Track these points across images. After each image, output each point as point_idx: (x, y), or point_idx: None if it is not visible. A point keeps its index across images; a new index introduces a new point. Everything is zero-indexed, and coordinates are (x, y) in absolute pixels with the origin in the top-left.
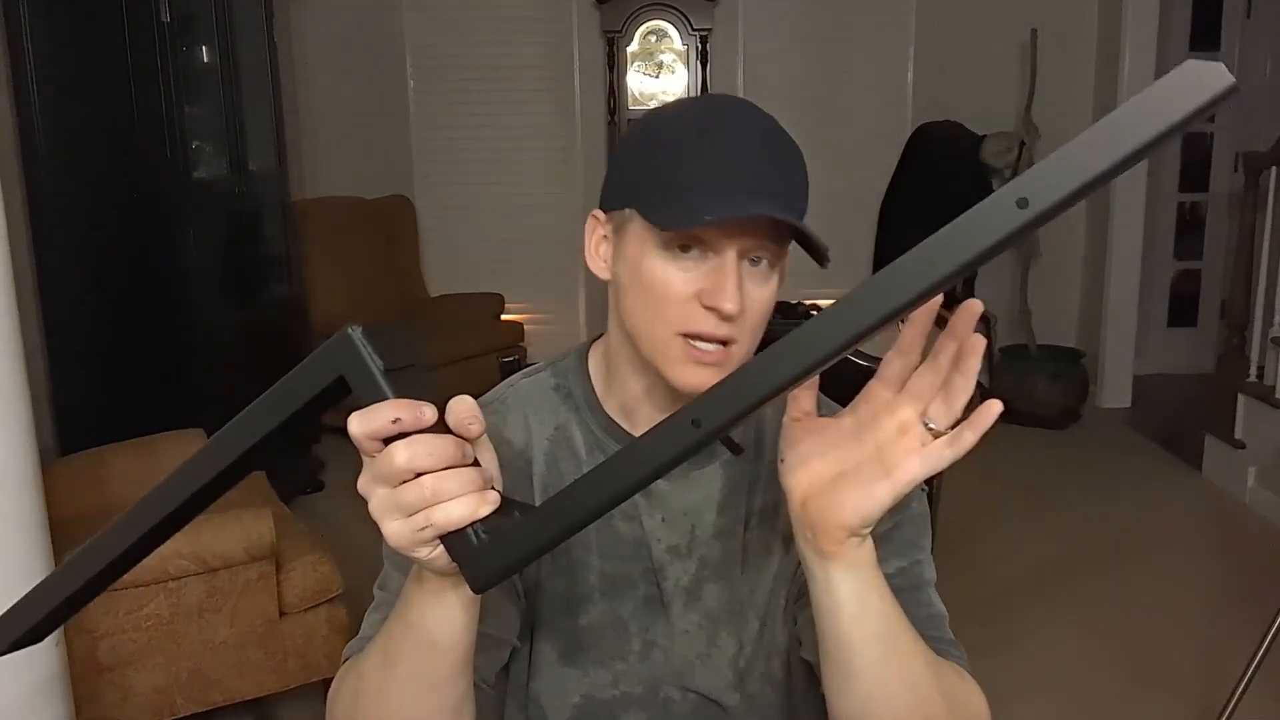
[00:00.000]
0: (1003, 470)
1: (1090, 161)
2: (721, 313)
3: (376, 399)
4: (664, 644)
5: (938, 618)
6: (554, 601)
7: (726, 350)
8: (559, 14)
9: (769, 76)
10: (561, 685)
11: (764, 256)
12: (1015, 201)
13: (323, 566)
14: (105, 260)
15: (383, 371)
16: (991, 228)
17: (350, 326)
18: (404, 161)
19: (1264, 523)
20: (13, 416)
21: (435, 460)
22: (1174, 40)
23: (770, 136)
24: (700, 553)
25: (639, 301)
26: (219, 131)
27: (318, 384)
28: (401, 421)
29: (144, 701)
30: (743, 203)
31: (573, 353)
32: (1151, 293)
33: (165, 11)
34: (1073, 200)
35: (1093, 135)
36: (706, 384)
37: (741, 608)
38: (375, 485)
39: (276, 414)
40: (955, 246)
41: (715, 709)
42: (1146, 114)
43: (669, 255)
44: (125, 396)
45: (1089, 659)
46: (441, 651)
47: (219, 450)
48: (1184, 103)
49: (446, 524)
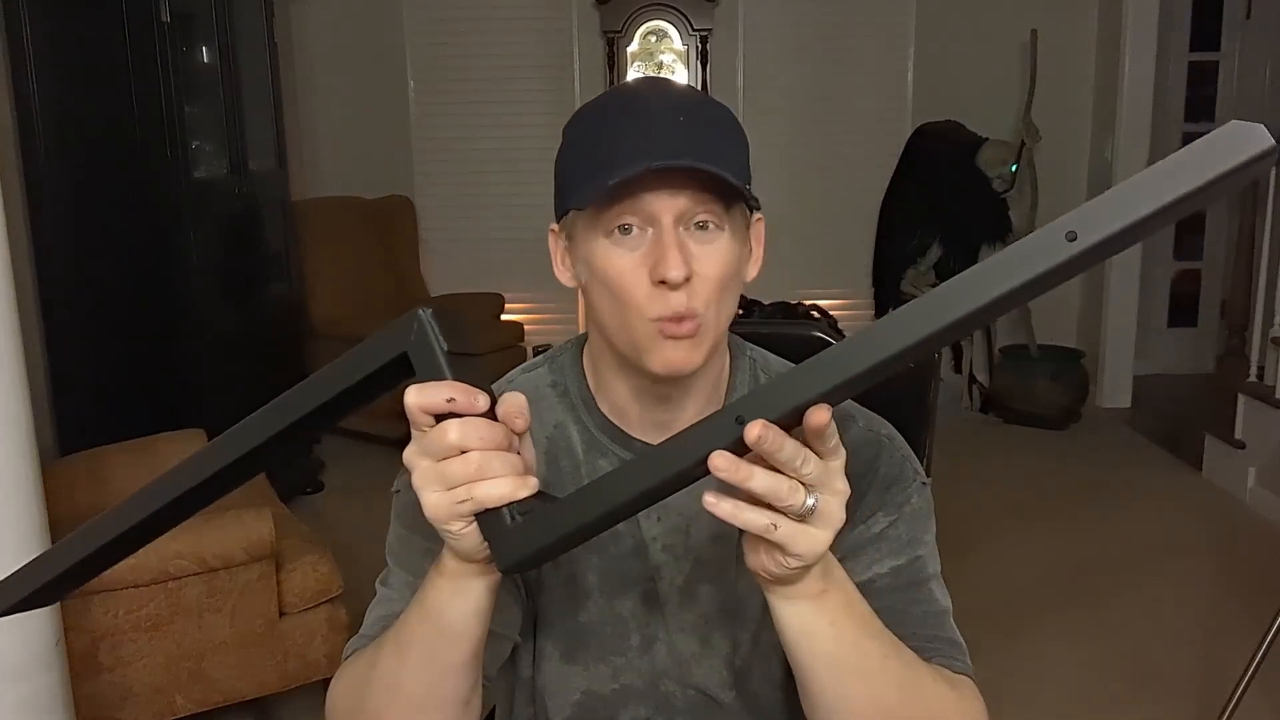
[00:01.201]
0: (1003, 470)
1: (1136, 204)
2: (669, 281)
3: (436, 379)
4: (662, 641)
5: (936, 615)
6: (555, 599)
7: (695, 322)
8: (559, 14)
9: (769, 76)
10: (563, 681)
11: (706, 220)
12: (1065, 235)
13: (323, 566)
14: (105, 260)
15: (445, 354)
16: (1040, 258)
17: (421, 308)
18: (404, 161)
19: (1264, 523)
20: (13, 416)
21: (484, 443)
22: (1174, 41)
23: (688, 103)
24: (695, 554)
25: (602, 298)
26: (219, 131)
27: (382, 357)
28: (456, 402)
29: (144, 701)
30: (650, 161)
31: (569, 346)
32: (1151, 293)
33: (165, 11)
34: (1120, 240)
35: (1140, 179)
36: (684, 362)
37: (736, 609)
38: (421, 458)
39: (339, 382)
40: (1006, 273)
41: (713, 705)
42: (1190, 166)
43: (611, 241)
44: (125, 396)
45: (1089, 659)
46: (455, 640)
47: (280, 412)
48: (1225, 160)
49: (486, 500)
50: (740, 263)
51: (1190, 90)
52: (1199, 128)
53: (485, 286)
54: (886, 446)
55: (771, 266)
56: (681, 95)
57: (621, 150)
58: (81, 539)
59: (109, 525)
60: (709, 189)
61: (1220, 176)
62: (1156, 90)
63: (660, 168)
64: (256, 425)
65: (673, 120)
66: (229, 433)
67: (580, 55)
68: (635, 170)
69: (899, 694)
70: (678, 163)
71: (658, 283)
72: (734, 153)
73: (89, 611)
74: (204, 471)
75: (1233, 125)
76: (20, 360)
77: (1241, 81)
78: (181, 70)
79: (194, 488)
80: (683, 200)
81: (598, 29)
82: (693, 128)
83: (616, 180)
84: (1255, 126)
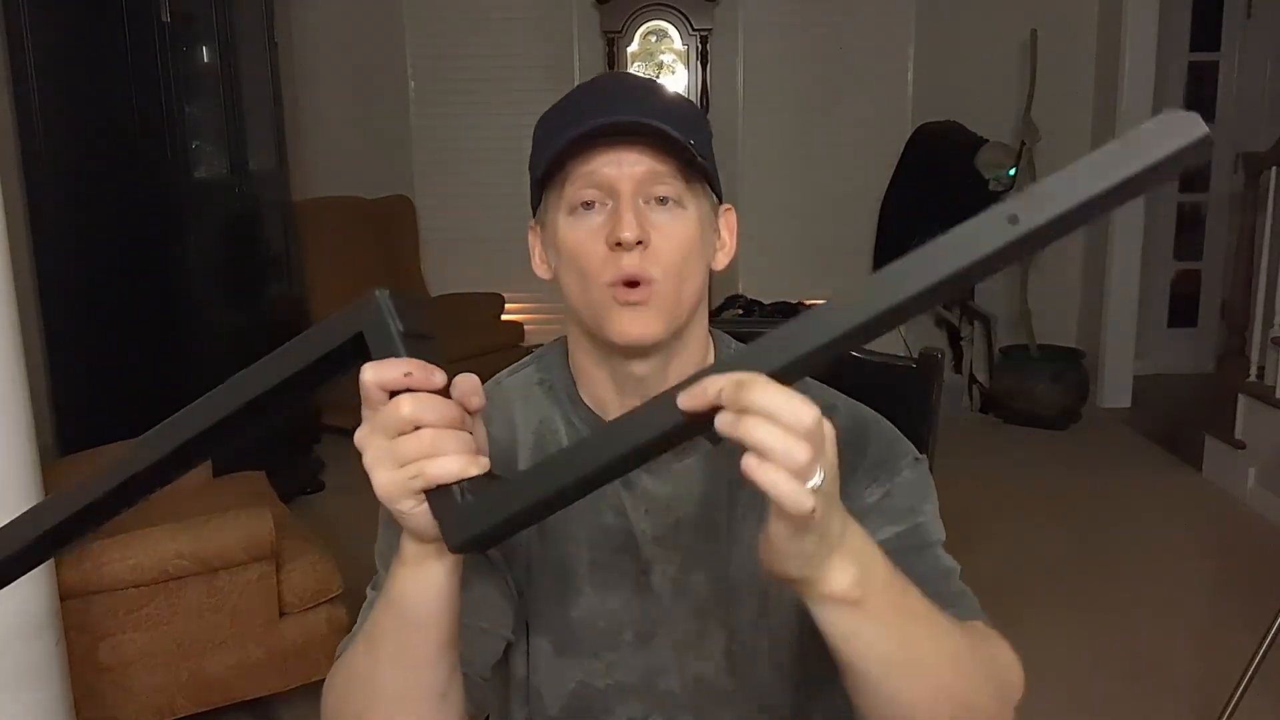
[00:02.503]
0: (1003, 470)
1: (1076, 190)
2: (623, 242)
3: (393, 357)
4: (657, 633)
5: (944, 572)
6: (546, 596)
7: (649, 287)
8: (559, 14)
9: (769, 76)
10: (557, 675)
11: (666, 195)
12: (1007, 218)
13: (323, 566)
14: (105, 260)
15: (401, 334)
16: (984, 240)
17: (378, 289)
18: (404, 161)
19: (1264, 523)
20: (13, 416)
21: (438, 418)
22: (1174, 41)
23: (648, 84)
24: (685, 544)
25: (567, 273)
26: (219, 131)
27: (338, 337)
28: (413, 377)
29: (144, 701)
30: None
31: (556, 344)
32: (1151, 293)
33: (165, 11)
34: (1060, 225)
35: (1081, 165)
36: (641, 330)
37: (730, 597)
38: (374, 436)
39: (294, 363)
40: (951, 256)
41: (715, 696)
42: (1126, 155)
43: (574, 217)
44: (125, 396)
45: (1089, 659)
46: (423, 628)
47: (235, 391)
48: (1161, 147)
49: (437, 477)
50: (705, 244)
51: (1190, 90)
52: None
53: (485, 286)
54: (874, 428)
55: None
56: (641, 79)
57: (581, 118)
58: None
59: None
60: (667, 161)
61: (1155, 164)
62: (1156, 90)
63: (609, 123)
64: (207, 407)
65: (630, 95)
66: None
67: (580, 55)
68: (588, 126)
69: (953, 673)
70: (627, 118)
71: (613, 246)
72: (691, 128)
73: (89, 611)
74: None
75: (1168, 114)
76: (20, 360)
77: (1241, 81)
78: (181, 70)
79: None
80: (640, 169)
81: (598, 29)
82: (650, 100)
83: (572, 136)
84: (1190, 115)
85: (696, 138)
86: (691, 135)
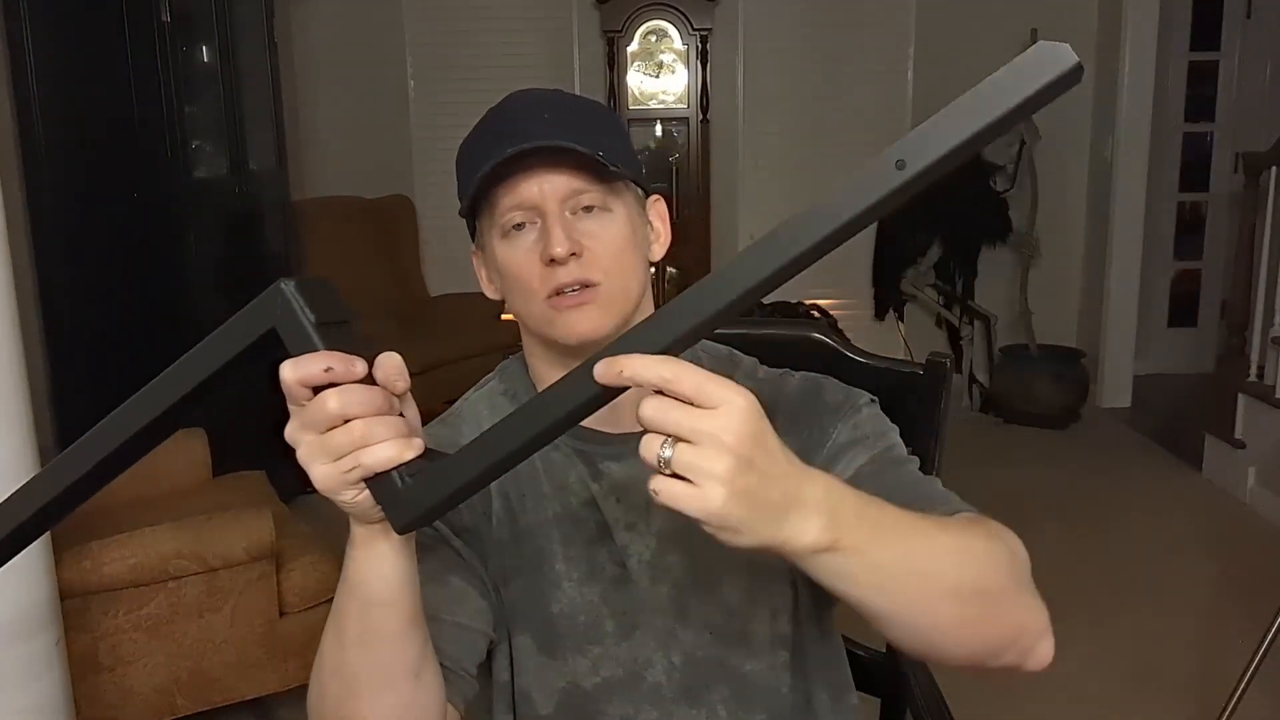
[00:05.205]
0: (1002, 470)
1: (957, 128)
2: (555, 258)
3: (309, 351)
4: (639, 621)
5: (924, 479)
6: (525, 594)
7: (591, 290)
8: (559, 14)
9: (769, 76)
10: (544, 676)
11: (591, 204)
12: (895, 163)
13: (323, 566)
14: (105, 259)
15: (314, 325)
16: (875, 186)
17: (283, 280)
18: (404, 161)
19: (1264, 523)
20: (13, 416)
21: (365, 408)
22: (1174, 40)
23: (553, 99)
24: (657, 525)
25: (511, 292)
26: (219, 131)
27: (249, 336)
28: (333, 371)
29: (144, 701)
30: (514, 146)
31: (517, 357)
32: (1151, 293)
33: (165, 11)
34: (945, 164)
35: (959, 105)
36: (589, 327)
37: (708, 576)
38: (304, 432)
39: (206, 367)
40: (845, 203)
41: (701, 677)
42: (1005, 89)
43: (508, 240)
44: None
45: (1089, 659)
46: (383, 607)
47: (147, 403)
48: (1035, 79)
49: (374, 465)
50: (639, 239)
51: (1190, 90)
52: (1199, 127)
53: None
54: (827, 384)
55: None
56: (547, 94)
57: (492, 149)
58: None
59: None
60: (584, 172)
61: (1032, 95)
62: (1156, 90)
63: (519, 150)
64: (122, 421)
65: (536, 115)
66: (90, 434)
67: (580, 55)
68: (500, 156)
69: (957, 568)
70: (538, 143)
71: (548, 263)
72: (603, 137)
73: (89, 611)
74: (71, 475)
75: (1040, 45)
76: (20, 360)
77: (1241, 81)
78: (181, 70)
79: (62, 492)
80: (560, 184)
81: (598, 29)
82: (557, 117)
83: (485, 170)
84: (1060, 45)
85: (606, 144)
86: (601, 144)
